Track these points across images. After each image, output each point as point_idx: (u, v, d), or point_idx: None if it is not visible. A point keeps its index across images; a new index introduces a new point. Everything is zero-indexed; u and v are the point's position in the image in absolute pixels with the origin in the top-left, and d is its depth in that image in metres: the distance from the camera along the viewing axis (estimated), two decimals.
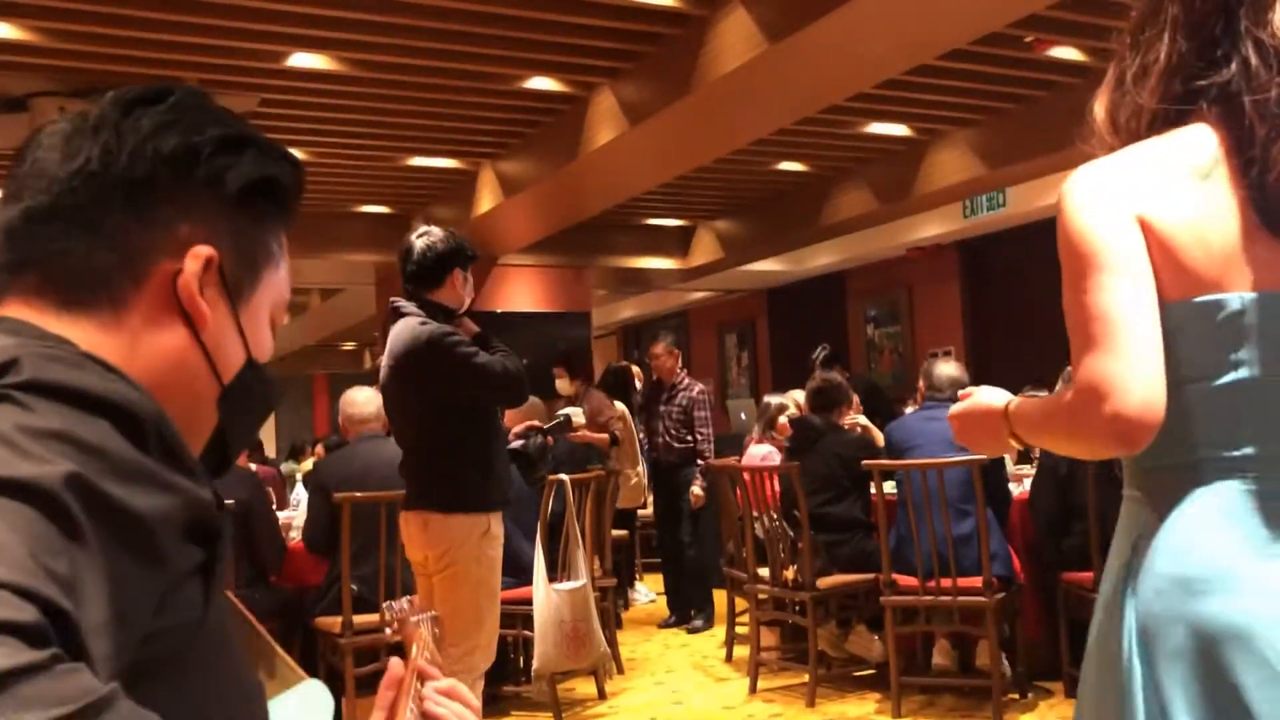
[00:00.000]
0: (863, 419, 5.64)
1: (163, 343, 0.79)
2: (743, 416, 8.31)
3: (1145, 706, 1.19)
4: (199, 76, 5.55)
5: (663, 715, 4.57)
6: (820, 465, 4.90)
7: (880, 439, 5.22)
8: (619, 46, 5.61)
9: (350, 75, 5.78)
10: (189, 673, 0.69)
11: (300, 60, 5.51)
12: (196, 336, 0.80)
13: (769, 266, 11.03)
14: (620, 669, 5.25)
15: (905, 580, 4.35)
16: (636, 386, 7.37)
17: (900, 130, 7.32)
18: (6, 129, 5.58)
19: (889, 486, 4.55)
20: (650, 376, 6.81)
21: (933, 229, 9.34)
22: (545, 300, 9.83)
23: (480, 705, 0.96)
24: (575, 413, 5.56)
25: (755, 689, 4.81)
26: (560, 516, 4.56)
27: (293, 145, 6.72)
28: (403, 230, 5.76)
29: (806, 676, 4.63)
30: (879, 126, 7.19)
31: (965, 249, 9.88)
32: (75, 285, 0.77)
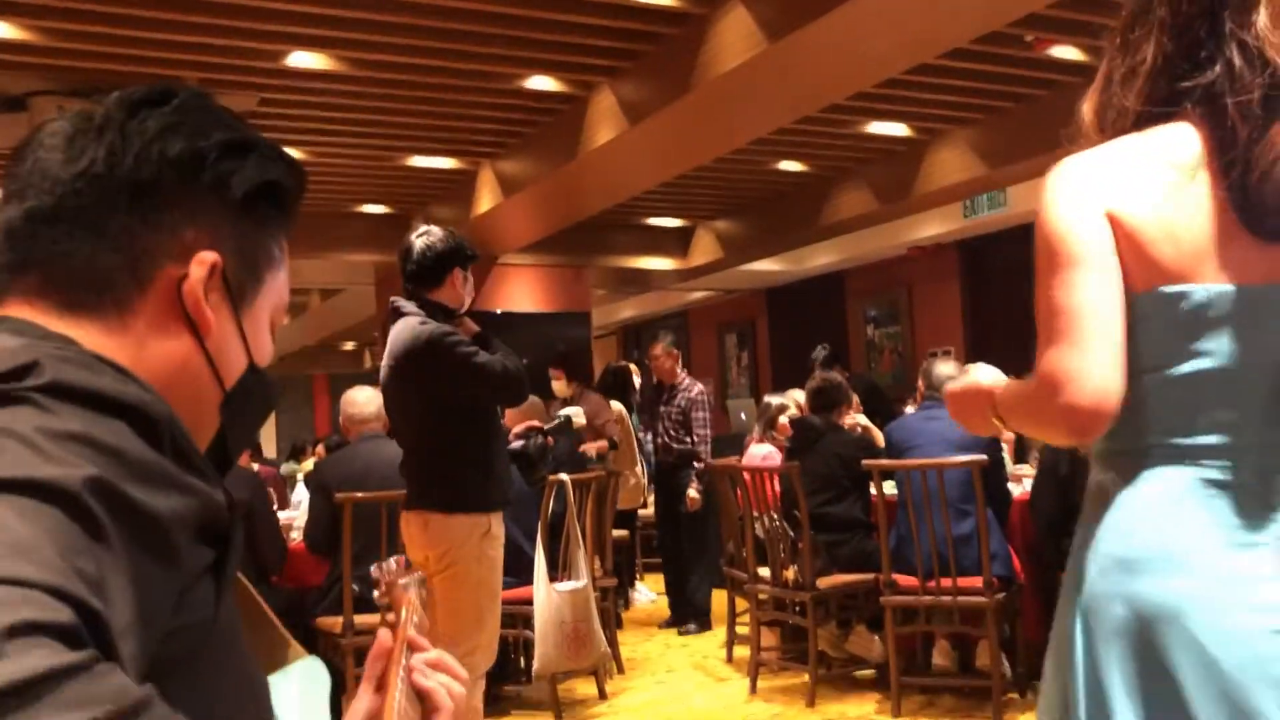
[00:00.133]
0: (863, 419, 5.64)
1: (167, 347, 0.79)
2: (743, 416, 8.31)
3: (1085, 683, 1.22)
4: (199, 76, 5.54)
5: (663, 715, 4.57)
6: (820, 465, 4.90)
7: (880, 439, 5.22)
8: (619, 46, 5.61)
9: (350, 75, 5.78)
10: (201, 671, 0.69)
11: (300, 60, 5.51)
12: (200, 342, 0.80)
13: (769, 266, 11.03)
14: (621, 669, 5.25)
15: (905, 580, 4.35)
16: (635, 386, 7.37)
17: (900, 130, 7.32)
18: (6, 129, 5.58)
19: (889, 486, 4.54)
20: (651, 378, 6.81)
21: (933, 229, 9.34)
22: (545, 300, 9.83)
23: (466, 676, 0.96)
24: (576, 413, 5.56)
25: (755, 689, 4.81)
26: (561, 516, 4.56)
27: (292, 145, 6.74)
28: (403, 230, 5.76)
29: (806, 676, 4.63)
30: (879, 126, 7.18)
31: (965, 249, 9.88)
32: (79, 287, 0.76)
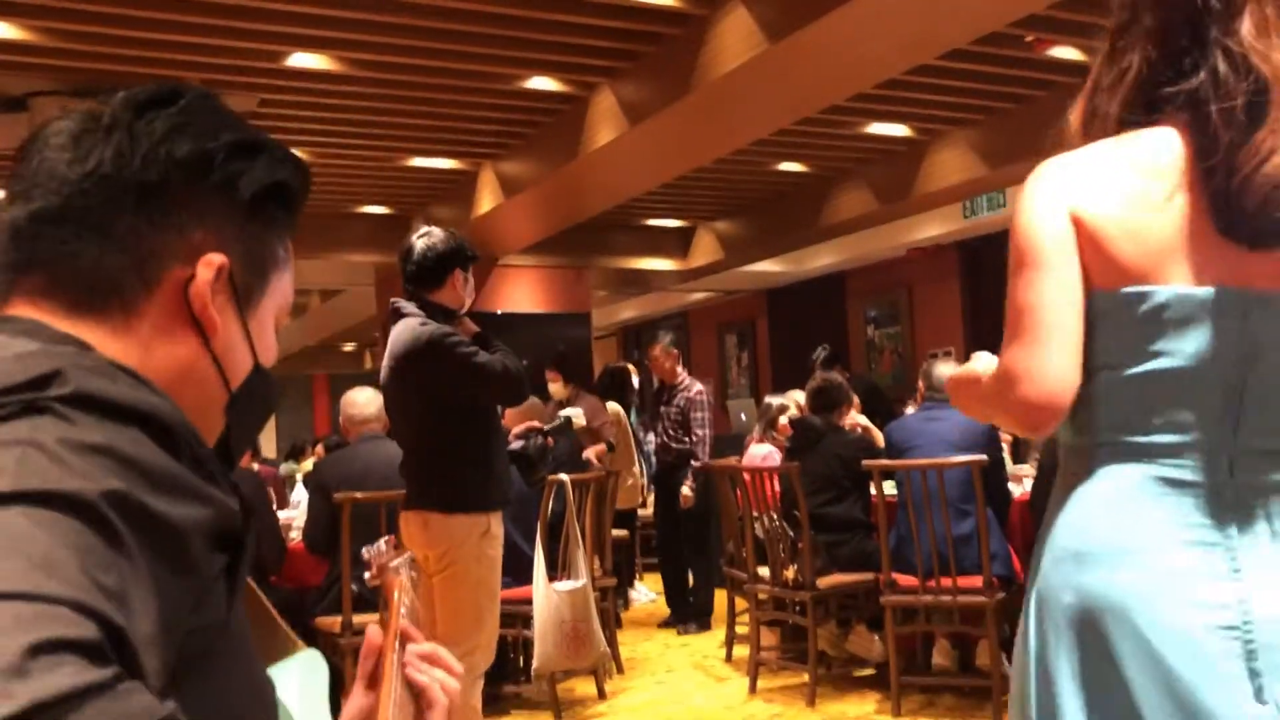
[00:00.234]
0: (863, 419, 5.64)
1: (173, 350, 0.79)
2: (743, 417, 8.31)
3: (1036, 672, 1.25)
4: (199, 76, 5.55)
5: (663, 715, 4.57)
6: (820, 465, 4.90)
7: (880, 439, 5.22)
8: (619, 46, 5.61)
9: (350, 75, 5.78)
10: (212, 672, 0.69)
11: (300, 60, 5.51)
12: (207, 344, 0.80)
13: (769, 267, 11.03)
14: (620, 669, 5.25)
15: (905, 580, 4.35)
16: (633, 386, 7.37)
17: (900, 130, 7.32)
18: (6, 129, 5.59)
19: (889, 486, 4.55)
20: (652, 378, 6.81)
21: (933, 229, 9.34)
22: (545, 301, 9.83)
23: (461, 669, 0.95)
24: (576, 414, 5.57)
25: (755, 689, 4.81)
26: (560, 516, 4.57)
27: (293, 145, 6.71)
28: (403, 230, 5.77)
29: (806, 676, 4.63)
30: (879, 126, 7.19)
31: (965, 249, 9.87)
32: (85, 289, 0.76)
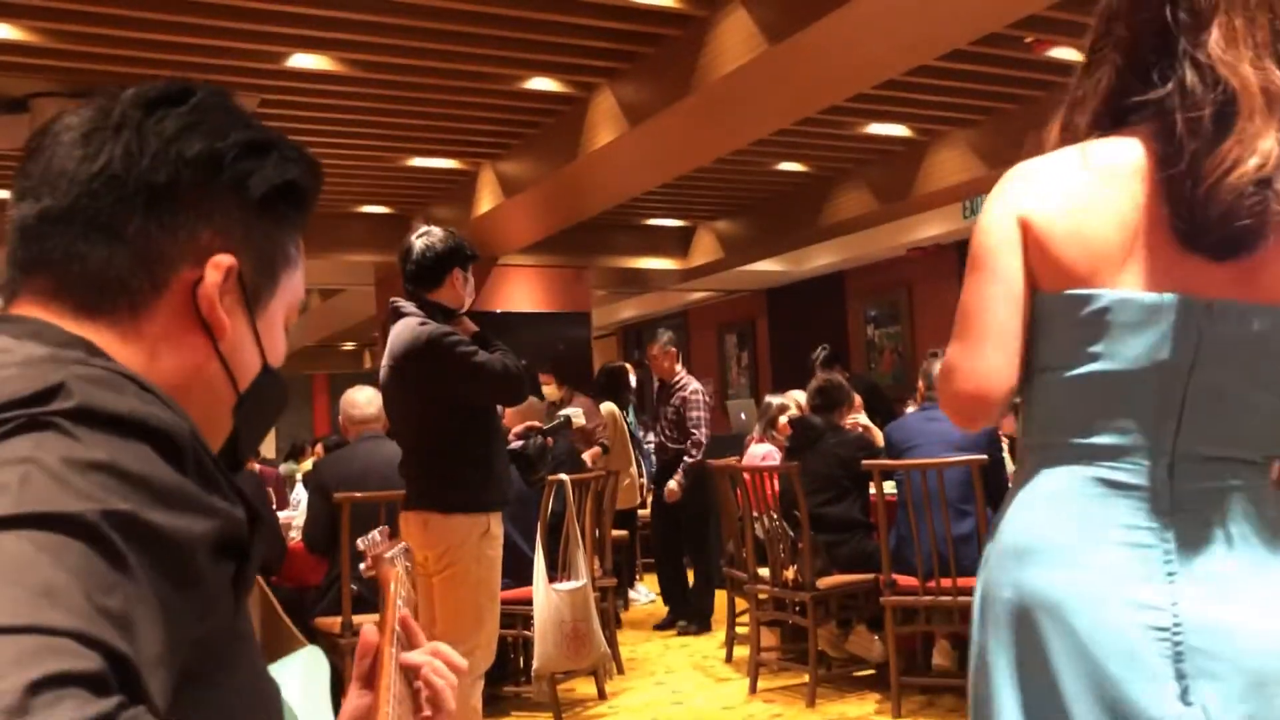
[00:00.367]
0: (863, 419, 5.63)
1: (182, 351, 0.78)
2: (743, 416, 8.31)
3: (976, 666, 1.29)
4: (199, 77, 5.49)
5: (663, 715, 4.57)
6: (820, 465, 4.90)
7: (880, 439, 5.22)
8: (619, 47, 5.61)
9: (350, 75, 5.78)
10: (217, 678, 0.69)
11: (300, 60, 5.51)
12: (215, 346, 0.79)
13: (769, 267, 11.03)
14: (620, 669, 5.25)
15: (905, 580, 4.35)
16: (630, 386, 7.37)
17: (900, 130, 7.32)
18: (6, 129, 5.59)
19: (889, 486, 4.55)
20: (652, 377, 6.81)
21: (933, 229, 9.34)
22: (545, 300, 9.83)
23: (465, 665, 0.95)
24: (576, 414, 5.56)
25: (755, 689, 4.81)
26: (560, 517, 4.57)
27: None
28: (403, 230, 5.76)
29: (806, 676, 4.63)
30: (879, 127, 7.19)
31: (965, 249, 9.82)
32: (93, 290, 0.75)
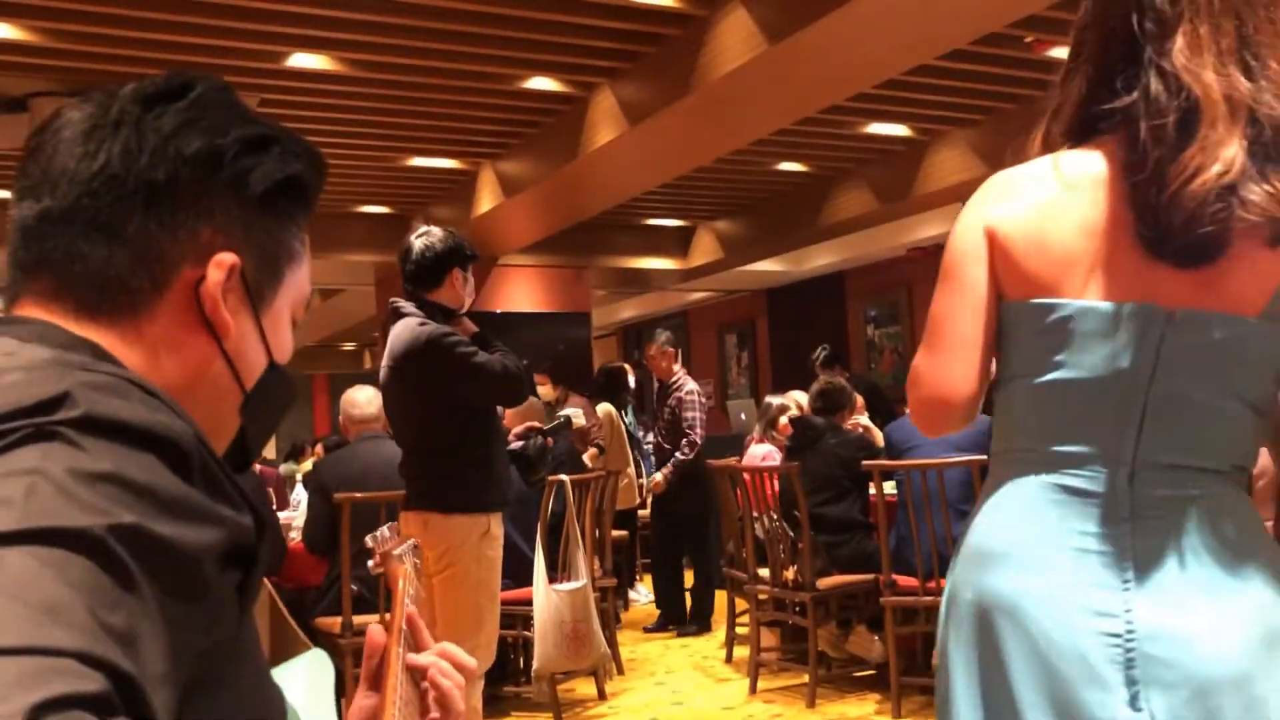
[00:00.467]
0: (864, 419, 5.64)
1: (186, 351, 0.77)
2: (743, 416, 8.31)
3: (940, 665, 1.33)
4: None
5: (663, 715, 4.57)
6: (820, 465, 4.90)
7: (880, 439, 5.22)
8: (619, 46, 5.61)
9: (350, 75, 5.78)
10: (220, 690, 0.68)
11: (300, 60, 5.51)
12: (220, 345, 0.79)
13: (769, 267, 11.03)
14: (620, 669, 5.25)
15: (905, 580, 4.35)
16: (628, 386, 7.37)
17: (900, 130, 7.32)
18: (6, 129, 5.59)
19: (889, 487, 4.55)
20: (652, 377, 6.81)
21: (933, 229, 9.34)
22: (545, 300, 9.83)
23: (474, 665, 0.93)
24: (576, 414, 5.56)
25: (755, 689, 4.81)
26: (560, 517, 4.57)
27: None
28: (403, 230, 5.76)
29: (806, 677, 4.63)
30: (879, 126, 7.18)
31: None
32: (94, 291, 0.75)
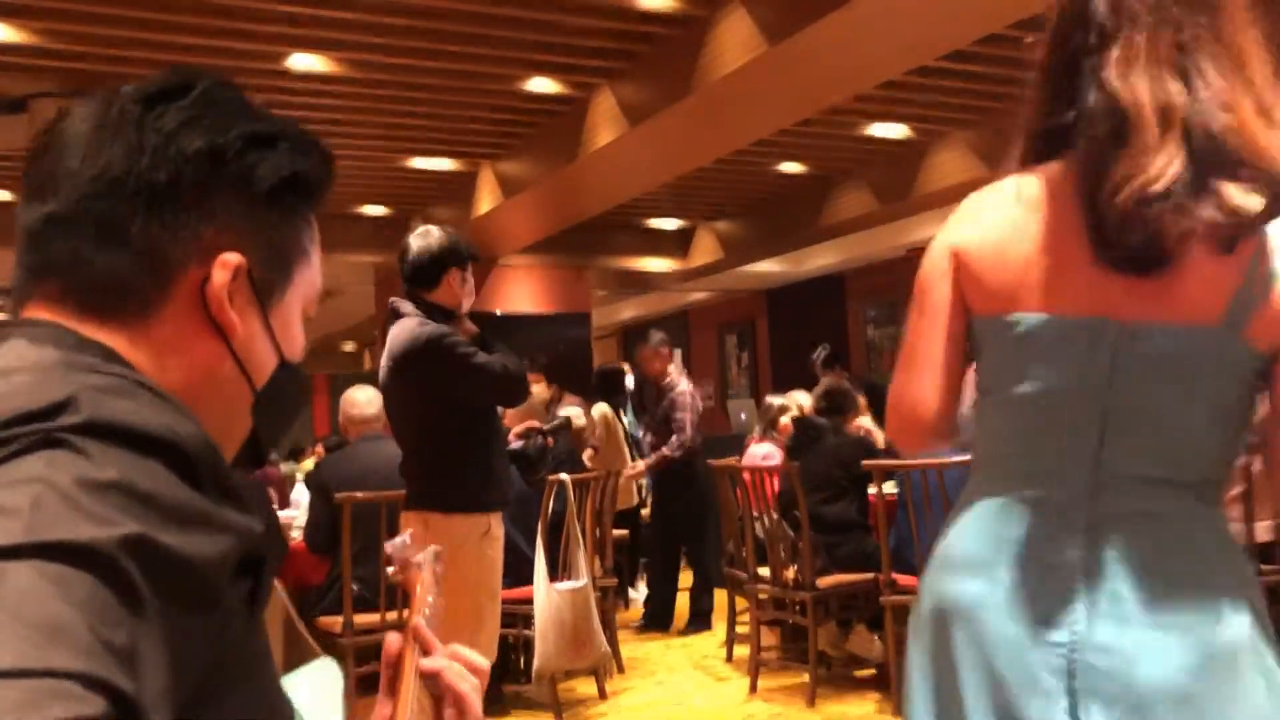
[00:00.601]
0: (866, 421, 5.63)
1: (194, 354, 0.77)
2: (743, 416, 8.31)
3: (905, 667, 1.36)
4: None
5: (663, 715, 4.57)
6: (819, 465, 4.91)
7: (881, 440, 5.22)
8: (619, 47, 5.61)
9: (350, 77, 5.79)
10: (225, 699, 0.68)
11: (300, 62, 5.51)
12: (228, 345, 0.78)
13: (769, 267, 11.03)
14: (621, 669, 5.25)
15: (905, 580, 4.35)
16: (626, 387, 7.37)
17: (900, 131, 7.32)
18: (6, 129, 5.59)
19: (889, 487, 4.55)
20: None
21: (933, 229, 9.23)
22: (545, 301, 9.83)
23: (488, 670, 0.92)
24: (576, 414, 5.57)
25: (755, 689, 4.81)
26: (561, 516, 4.57)
27: None
28: (402, 231, 5.77)
29: (806, 676, 4.63)
30: (879, 127, 7.19)
31: None
32: (100, 294, 0.74)
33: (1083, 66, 1.23)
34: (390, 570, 1.04)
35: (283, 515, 5.22)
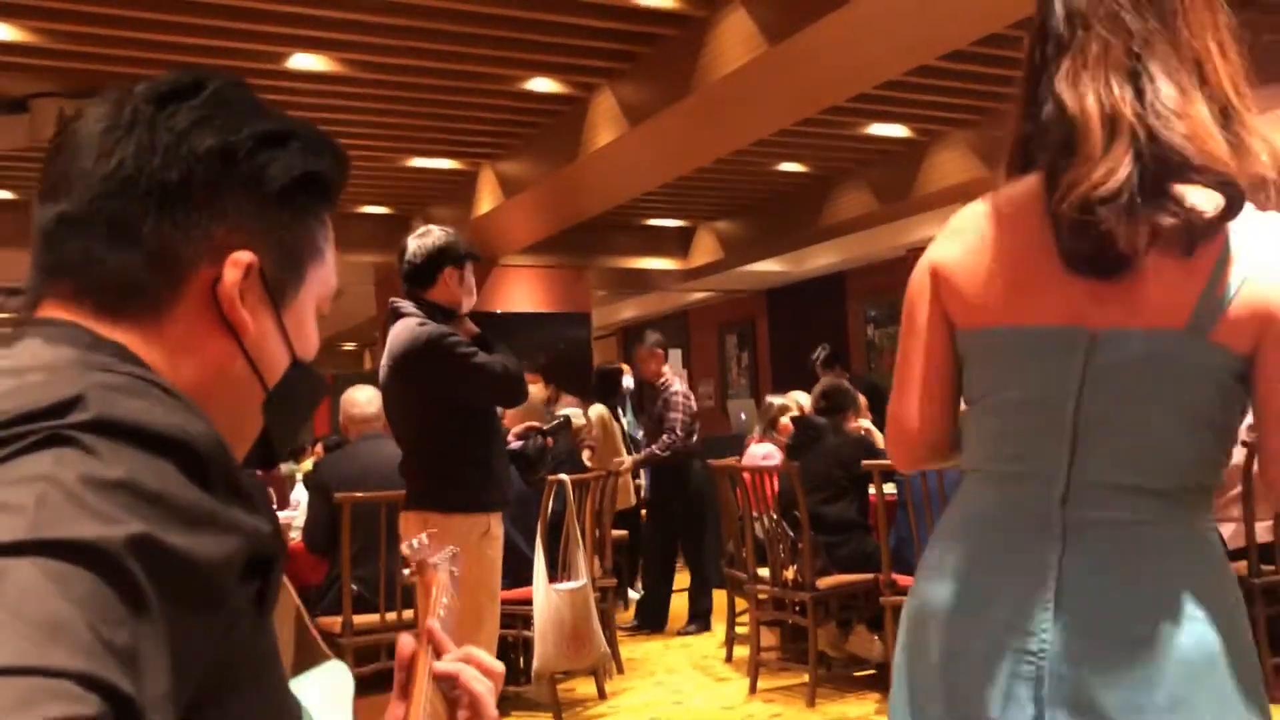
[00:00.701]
0: (867, 423, 5.63)
1: (205, 353, 0.77)
2: (743, 416, 8.31)
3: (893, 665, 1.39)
4: None
5: (663, 715, 4.57)
6: (819, 465, 4.91)
7: (881, 441, 5.22)
8: (619, 47, 5.61)
9: (350, 75, 5.79)
10: (231, 702, 0.67)
11: (300, 60, 5.51)
12: (240, 344, 0.78)
13: (769, 267, 11.03)
14: (620, 669, 5.25)
15: (905, 580, 4.35)
16: (623, 387, 7.38)
17: (900, 131, 7.32)
18: (6, 129, 5.59)
19: (889, 487, 4.55)
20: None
21: (933, 229, 9.29)
22: (545, 301, 9.83)
23: (503, 672, 0.92)
24: (575, 414, 5.56)
25: (755, 689, 4.81)
26: (560, 516, 4.57)
27: None
28: (403, 231, 5.77)
29: (806, 676, 4.63)
30: (879, 127, 7.19)
31: None
32: (112, 293, 0.74)
33: (1041, 80, 1.25)
34: (407, 572, 1.03)
35: (281, 515, 5.22)
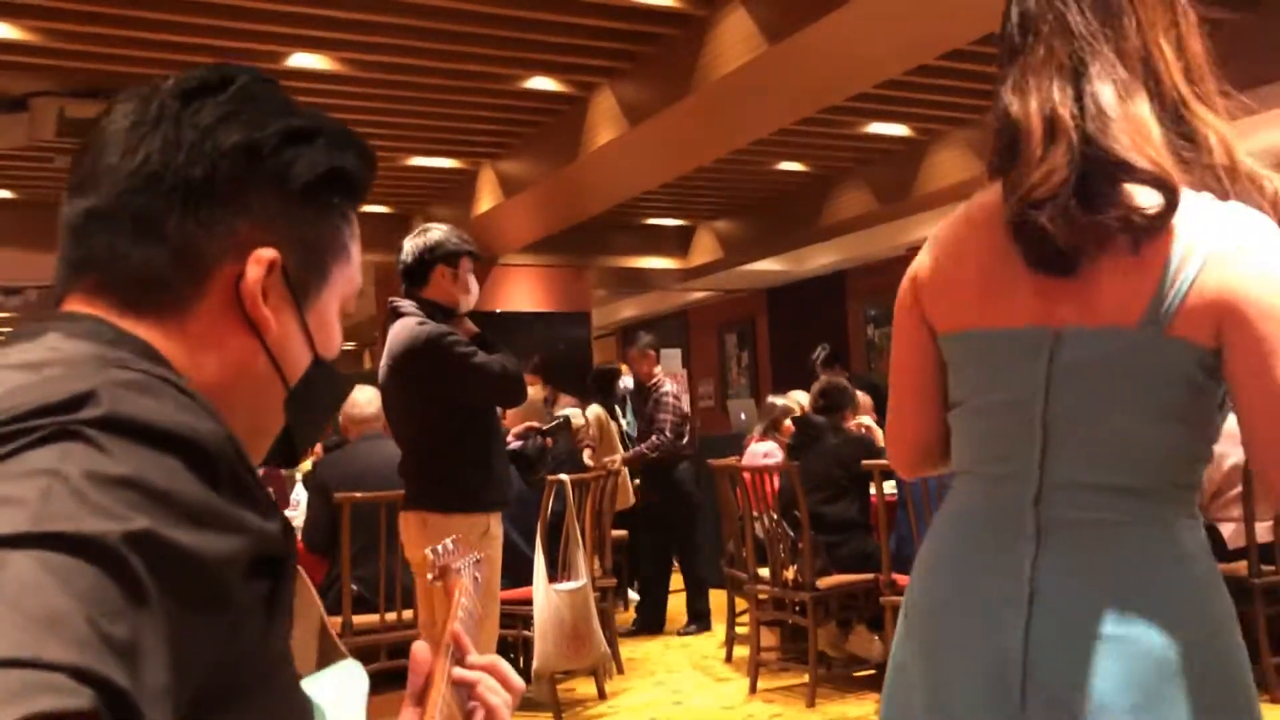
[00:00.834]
0: (867, 420, 5.63)
1: (227, 350, 0.77)
2: (743, 416, 8.31)
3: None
4: None
5: (663, 715, 4.57)
6: (819, 464, 4.91)
7: (882, 439, 5.22)
8: (619, 47, 5.61)
9: (351, 76, 5.79)
10: (245, 700, 0.67)
11: (300, 60, 5.51)
12: (262, 342, 0.78)
13: (769, 266, 11.03)
14: (620, 669, 5.25)
15: (905, 580, 4.34)
16: (624, 387, 7.38)
17: (900, 130, 7.32)
18: (6, 129, 5.59)
19: (889, 487, 4.55)
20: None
21: (933, 229, 9.28)
22: (545, 300, 9.83)
23: (523, 688, 0.92)
24: (575, 414, 5.56)
25: (755, 689, 4.81)
26: (560, 516, 4.57)
27: None
28: (403, 230, 5.77)
29: (806, 676, 4.63)
30: (879, 126, 7.19)
31: None
32: (137, 288, 0.75)
33: (1001, 84, 1.27)
34: (430, 576, 1.02)
35: None
